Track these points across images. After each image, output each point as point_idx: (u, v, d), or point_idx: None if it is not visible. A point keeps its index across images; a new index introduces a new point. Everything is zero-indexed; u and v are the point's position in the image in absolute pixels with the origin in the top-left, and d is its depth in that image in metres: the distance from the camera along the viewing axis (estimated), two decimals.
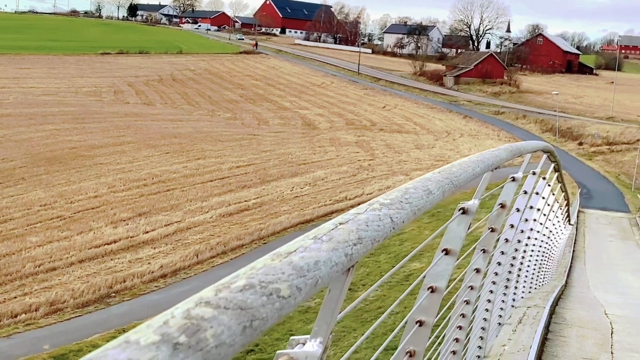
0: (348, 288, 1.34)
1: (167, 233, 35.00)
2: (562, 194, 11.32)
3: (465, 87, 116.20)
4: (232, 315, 0.89)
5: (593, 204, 46.74)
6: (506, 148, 3.45)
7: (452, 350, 4.16)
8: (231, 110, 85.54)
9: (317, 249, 1.12)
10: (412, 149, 66.54)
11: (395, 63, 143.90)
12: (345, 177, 51.21)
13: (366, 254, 1.32)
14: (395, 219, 1.45)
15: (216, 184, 45.36)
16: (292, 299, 0.97)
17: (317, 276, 1.05)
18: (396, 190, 1.64)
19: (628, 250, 31.89)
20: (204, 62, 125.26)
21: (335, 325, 1.34)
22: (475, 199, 2.95)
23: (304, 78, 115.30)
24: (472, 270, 4.24)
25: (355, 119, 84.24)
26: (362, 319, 22.95)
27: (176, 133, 63.73)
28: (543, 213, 8.41)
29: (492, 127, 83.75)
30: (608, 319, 8.92)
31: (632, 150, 68.01)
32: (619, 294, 16.06)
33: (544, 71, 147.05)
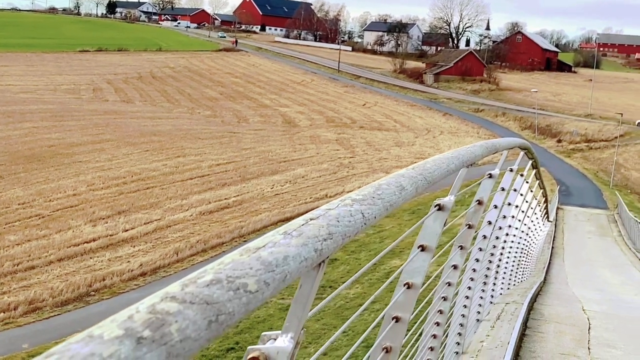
0: (320, 283, 1.35)
1: (146, 231, 34.86)
2: (541, 190, 11.39)
3: (445, 85, 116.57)
4: (198, 309, 0.88)
5: (572, 201, 47.07)
6: (482, 145, 3.46)
7: (429, 347, 4.17)
8: (211, 108, 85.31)
9: (286, 244, 1.12)
10: (392, 146, 66.66)
11: (375, 61, 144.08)
12: (326, 174, 51.23)
13: (337, 249, 1.32)
14: (367, 215, 1.45)
15: (196, 182, 45.23)
16: (259, 293, 0.97)
17: (285, 271, 1.05)
18: (369, 186, 1.65)
19: (606, 246, 32.14)
20: (184, 59, 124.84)
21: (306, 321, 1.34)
22: (451, 195, 2.96)
23: (284, 75, 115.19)
24: (449, 267, 4.26)
25: (335, 116, 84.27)
26: (342, 316, 22.98)
27: (156, 131, 63.47)
28: (521, 210, 8.45)
29: (472, 125, 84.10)
30: (586, 315, 8.98)
31: (610, 147, 68.57)
32: (596, 290, 16.18)
33: (523, 69, 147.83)
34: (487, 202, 4.53)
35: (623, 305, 12.18)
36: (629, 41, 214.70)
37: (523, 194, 7.89)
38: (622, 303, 12.88)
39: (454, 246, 4.29)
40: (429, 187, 2.14)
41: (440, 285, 4.21)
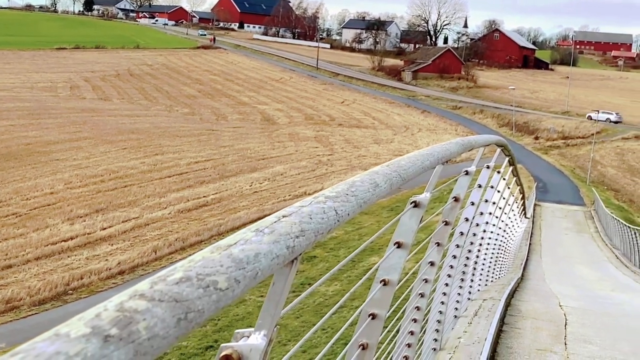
0: (293, 280, 1.35)
1: (124, 229, 34.70)
2: (518, 187, 11.45)
3: (424, 82, 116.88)
4: (167, 307, 0.88)
5: (549, 198, 47.34)
6: (457, 142, 3.47)
7: (407, 343, 4.18)
8: (189, 106, 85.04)
9: (258, 241, 1.12)
10: (371, 143, 66.77)
11: (353, 58, 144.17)
12: (304, 172, 51.23)
13: (310, 246, 1.32)
14: (340, 212, 1.46)
15: (174, 180, 45.08)
16: (230, 291, 0.97)
17: (256, 268, 1.05)
18: (343, 183, 1.65)
19: (583, 242, 32.37)
20: (162, 57, 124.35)
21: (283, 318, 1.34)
22: (427, 192, 2.97)
23: (262, 73, 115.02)
24: (426, 263, 4.27)
25: (314, 114, 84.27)
26: (321, 314, 22.97)
27: (133, 129, 63.18)
28: (498, 206, 8.49)
29: (450, 122, 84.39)
30: (562, 311, 9.04)
31: (587, 144, 69.05)
32: (573, 286, 16.29)
33: (501, 66, 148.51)
34: (463, 199, 4.55)
35: (599, 301, 12.27)
36: (605, 39, 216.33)
37: (500, 190, 7.92)
38: (599, 299, 12.98)
39: (431, 243, 4.31)
40: (405, 184, 2.15)
41: (417, 282, 4.23)
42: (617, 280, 21.04)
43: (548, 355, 6.22)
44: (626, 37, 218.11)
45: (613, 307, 11.36)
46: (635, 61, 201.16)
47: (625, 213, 44.04)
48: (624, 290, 17.42)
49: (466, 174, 4.51)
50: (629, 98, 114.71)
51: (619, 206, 47.54)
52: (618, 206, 47.04)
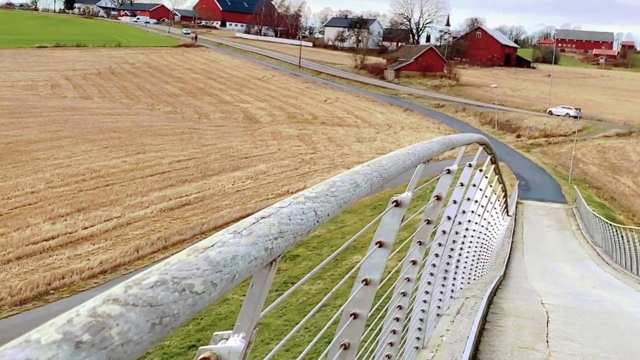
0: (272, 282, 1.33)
1: (106, 229, 34.53)
2: (500, 185, 11.48)
3: (406, 81, 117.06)
4: (141, 312, 0.86)
5: (531, 195, 47.54)
6: (439, 140, 3.47)
7: (389, 342, 4.18)
8: (171, 104, 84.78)
9: (235, 243, 1.10)
10: (354, 142, 66.81)
11: (336, 56, 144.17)
12: (287, 170, 51.20)
13: (289, 247, 1.31)
14: (320, 212, 1.44)
15: (156, 179, 44.92)
16: (206, 294, 0.95)
17: (234, 271, 1.03)
18: (323, 183, 1.64)
19: (565, 240, 32.55)
20: (143, 55, 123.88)
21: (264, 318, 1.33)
22: (409, 191, 2.96)
23: (245, 71, 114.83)
24: (408, 262, 4.27)
25: (296, 112, 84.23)
26: (305, 312, 22.96)
27: (115, 127, 62.91)
28: (481, 205, 8.51)
29: (433, 120, 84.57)
30: (544, 308, 9.07)
31: (569, 142, 69.40)
32: (555, 284, 16.37)
33: (483, 64, 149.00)
34: (445, 198, 4.55)
35: (581, 298, 12.33)
36: (586, 37, 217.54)
37: (482, 188, 7.94)
38: (580, 296, 13.04)
39: (413, 241, 4.31)
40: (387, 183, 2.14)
41: (399, 281, 4.22)
42: (598, 277, 21.17)
43: (530, 353, 6.24)
44: (607, 36, 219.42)
45: (595, 305, 11.42)
46: (617, 59, 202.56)
47: (606, 210, 44.32)
48: (606, 287, 17.52)
49: (448, 173, 4.51)
50: (610, 96, 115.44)
51: (601, 204, 47.84)
52: (599, 204, 47.33)
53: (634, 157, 67.18)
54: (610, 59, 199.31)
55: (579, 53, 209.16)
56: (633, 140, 73.70)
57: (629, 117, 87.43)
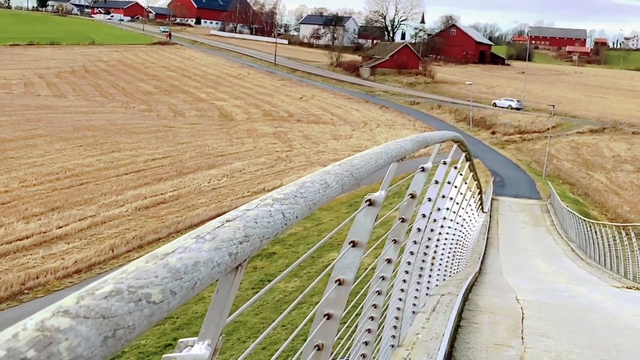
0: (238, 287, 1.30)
1: (81, 228, 34.26)
2: (475, 182, 11.50)
3: (382, 78, 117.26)
4: (92, 324, 0.82)
5: (506, 192, 47.79)
6: (412, 139, 3.44)
7: (364, 341, 4.16)
8: (146, 102, 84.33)
9: (197, 249, 1.06)
10: (330, 139, 66.82)
11: (311, 54, 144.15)
12: (263, 168, 51.10)
13: (256, 251, 1.27)
14: (288, 215, 1.41)
15: (131, 177, 44.64)
16: (164, 304, 0.91)
17: (195, 278, 0.99)
18: (292, 184, 1.60)
19: (539, 236, 32.73)
20: (117, 53, 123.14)
21: (224, 326, 1.29)
22: (382, 190, 2.94)
23: (220, 69, 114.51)
24: (383, 261, 4.25)
25: (272, 110, 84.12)
26: (281, 310, 22.93)
27: (89, 126, 62.46)
28: (456, 202, 8.51)
29: (408, 117, 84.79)
30: (519, 305, 9.10)
31: (543, 138, 69.84)
32: (530, 280, 16.44)
33: (458, 62, 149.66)
34: (420, 195, 4.53)
35: (555, 294, 12.39)
36: (560, 34, 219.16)
37: (457, 186, 7.94)
38: (555, 292, 13.11)
39: (387, 240, 4.29)
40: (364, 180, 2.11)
41: (374, 280, 4.20)
42: (573, 272, 21.29)
43: (505, 349, 6.25)
44: (580, 33, 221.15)
45: (569, 300, 11.48)
46: (590, 56, 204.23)
47: (580, 206, 44.64)
48: (580, 282, 17.63)
49: (422, 171, 4.50)
50: (583, 93, 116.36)
51: (575, 199, 48.17)
52: (573, 199, 47.66)
53: (607, 153, 67.75)
54: (583, 55, 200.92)
55: (552, 50, 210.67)
56: (606, 137, 74.33)
57: (602, 113, 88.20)
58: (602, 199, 52.04)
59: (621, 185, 56.42)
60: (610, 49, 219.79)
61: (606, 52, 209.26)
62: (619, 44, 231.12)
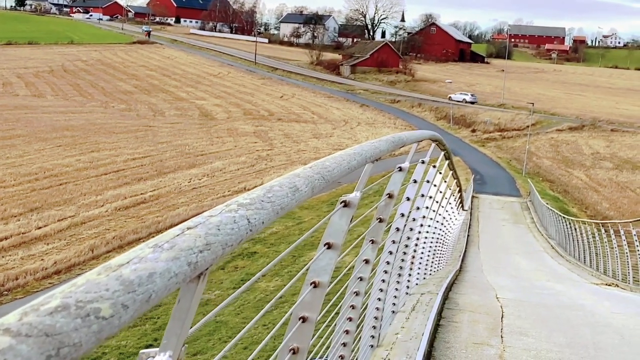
0: (200, 296, 1.26)
1: (60, 228, 34.02)
2: (454, 181, 11.50)
3: (362, 76, 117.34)
4: (35, 343, 0.78)
5: (486, 190, 47.95)
6: (387, 139, 3.41)
7: (342, 342, 4.13)
8: (125, 102, 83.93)
9: (154, 259, 1.02)
10: (311, 138, 66.79)
11: (292, 52, 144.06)
12: (244, 167, 50.99)
13: (218, 260, 1.23)
14: (254, 220, 1.37)
15: (111, 177, 44.39)
16: (115, 318, 0.86)
17: (150, 290, 0.95)
18: (260, 188, 1.56)
19: (520, 233, 32.86)
20: (97, 52, 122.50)
21: (187, 337, 1.25)
22: (357, 191, 2.90)
23: (200, 68, 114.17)
24: (361, 262, 4.22)
25: (252, 109, 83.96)
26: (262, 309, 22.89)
27: (68, 125, 62.07)
28: (435, 200, 8.49)
29: (389, 116, 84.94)
30: (499, 303, 9.10)
31: (523, 136, 70.17)
32: (510, 277, 16.48)
33: (438, 60, 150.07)
34: (398, 195, 4.51)
35: (535, 292, 12.42)
36: (539, 32, 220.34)
37: (436, 185, 7.92)
38: (535, 289, 13.14)
39: (365, 240, 4.26)
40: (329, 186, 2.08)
41: (352, 280, 4.17)
42: (552, 270, 21.38)
43: (484, 348, 6.24)
44: (559, 31, 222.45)
45: (549, 298, 11.51)
46: (569, 54, 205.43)
47: (560, 203, 44.86)
48: (560, 280, 17.70)
49: (400, 170, 4.47)
50: (562, 90, 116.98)
51: (554, 197, 48.41)
52: (553, 197, 47.89)
53: (586, 150, 68.14)
54: (562, 53, 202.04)
55: (531, 48, 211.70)
56: (585, 134, 74.76)
57: (581, 110, 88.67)
58: (582, 196, 52.32)
59: (600, 183, 56.76)
60: (589, 47, 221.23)
61: (585, 50, 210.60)
62: (597, 42, 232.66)
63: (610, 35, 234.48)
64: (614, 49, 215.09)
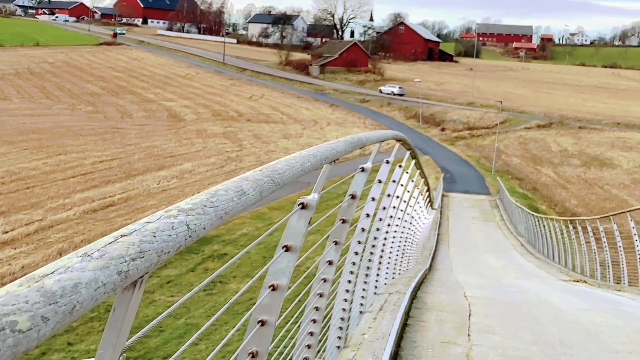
0: (138, 305, 1.23)
1: (28, 232, 33.66)
2: (422, 180, 11.52)
3: (331, 77, 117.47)
4: None
5: (456, 188, 48.19)
6: (346, 140, 3.39)
7: (307, 345, 4.11)
8: (93, 104, 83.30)
9: (81, 269, 0.99)
10: (280, 139, 66.71)
11: (261, 53, 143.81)
12: (214, 169, 50.80)
13: (155, 267, 1.20)
14: (194, 226, 1.33)
15: (79, 180, 44.00)
16: (33, 332, 0.82)
17: (74, 301, 0.92)
18: (205, 193, 1.53)
19: (489, 231, 33.05)
20: (63, 54, 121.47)
21: (125, 347, 1.22)
22: (315, 193, 2.89)
23: (168, 69, 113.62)
24: (324, 263, 4.20)
25: (222, 110, 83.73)
26: (234, 312, 22.78)
27: (35, 129, 61.47)
28: (403, 200, 8.49)
29: (359, 116, 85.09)
30: (467, 302, 9.12)
31: (492, 134, 70.61)
32: (480, 276, 16.56)
33: (407, 59, 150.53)
34: (362, 196, 4.49)
35: (504, 290, 12.47)
36: (507, 31, 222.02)
37: (403, 184, 7.92)
38: (503, 287, 13.20)
39: (328, 242, 4.24)
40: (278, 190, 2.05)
41: (316, 282, 4.16)
42: (522, 267, 21.54)
43: (452, 347, 6.25)
44: (527, 29, 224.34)
45: (517, 296, 11.56)
46: (537, 52, 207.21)
47: (529, 201, 45.20)
48: (529, 277, 17.82)
49: (362, 171, 4.46)
50: (531, 89, 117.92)
51: (524, 195, 48.75)
52: (522, 195, 48.23)
53: (554, 148, 68.73)
54: (530, 52, 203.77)
55: (500, 47, 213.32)
56: (553, 132, 75.42)
57: (549, 109, 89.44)
58: (551, 193, 52.76)
59: (569, 180, 57.28)
60: (557, 45, 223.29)
61: (552, 49, 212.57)
62: (565, 40, 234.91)
63: (577, 34, 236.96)
64: (581, 47, 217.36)
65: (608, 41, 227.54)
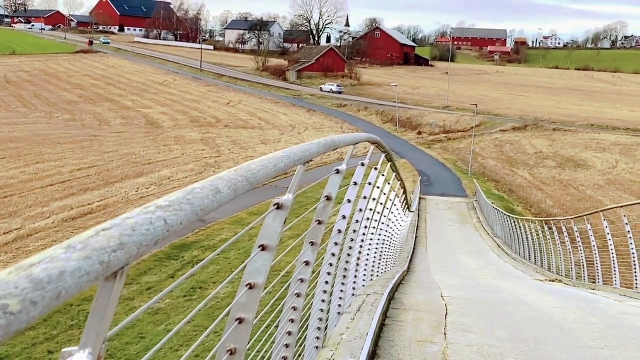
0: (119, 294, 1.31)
1: (6, 241, 33.49)
2: (398, 182, 11.63)
3: (308, 81, 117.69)
4: None
5: (433, 190, 48.42)
6: (319, 142, 3.47)
7: (285, 344, 4.18)
8: (70, 112, 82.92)
9: (66, 258, 1.07)
10: (258, 144, 66.73)
11: (237, 59, 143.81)
12: (192, 175, 50.71)
13: (134, 259, 1.28)
14: (170, 221, 1.42)
15: (57, 188, 43.80)
16: (23, 314, 0.92)
17: (59, 288, 1.00)
18: (181, 190, 1.61)
19: (466, 233, 33.25)
20: (39, 62, 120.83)
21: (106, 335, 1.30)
22: (290, 193, 2.97)
23: (145, 76, 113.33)
24: (301, 263, 4.27)
25: (199, 116, 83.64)
26: (213, 317, 22.79)
27: (12, 137, 61.11)
28: (379, 202, 8.59)
29: (336, 120, 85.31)
30: (443, 301, 9.23)
31: (467, 137, 71.02)
32: (456, 276, 16.71)
33: (383, 63, 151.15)
34: (336, 197, 4.57)
35: (480, 289, 12.61)
36: (481, 34, 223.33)
37: (379, 186, 8.02)
38: (480, 287, 13.34)
39: (304, 242, 4.32)
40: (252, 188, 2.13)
41: (292, 282, 4.23)
42: (498, 267, 21.71)
43: (428, 345, 6.34)
44: (501, 33, 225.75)
45: (492, 295, 11.71)
46: (510, 55, 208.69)
47: (505, 202, 45.51)
48: (505, 277, 17.99)
49: (337, 173, 4.54)
50: (505, 91, 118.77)
51: (500, 196, 49.08)
52: (498, 196, 48.55)
53: (529, 149, 69.26)
54: (504, 55, 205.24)
55: (474, 50, 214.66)
56: (528, 134, 76.02)
57: (524, 111, 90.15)
58: (526, 194, 53.15)
59: (544, 181, 57.73)
60: (530, 48, 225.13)
61: (526, 51, 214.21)
62: (538, 43, 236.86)
63: (550, 36, 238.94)
64: (554, 50, 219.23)
65: (580, 44, 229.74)
